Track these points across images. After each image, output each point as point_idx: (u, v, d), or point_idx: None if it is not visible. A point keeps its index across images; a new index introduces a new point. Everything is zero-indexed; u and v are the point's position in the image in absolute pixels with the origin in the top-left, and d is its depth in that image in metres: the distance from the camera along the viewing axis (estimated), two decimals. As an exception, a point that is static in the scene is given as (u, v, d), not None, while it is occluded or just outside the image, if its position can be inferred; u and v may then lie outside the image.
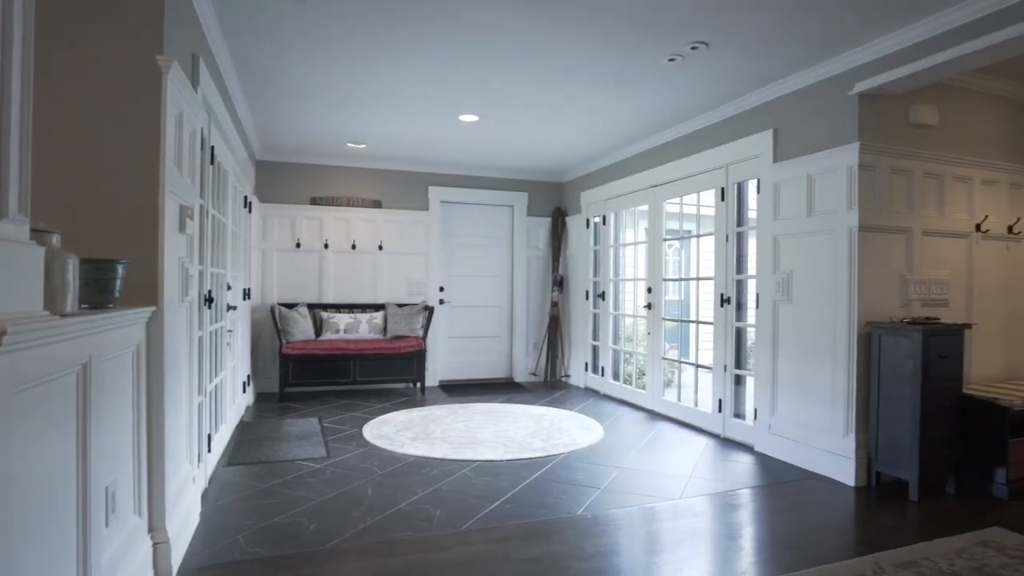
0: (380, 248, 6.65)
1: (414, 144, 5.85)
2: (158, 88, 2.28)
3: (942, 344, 3.33)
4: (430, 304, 6.76)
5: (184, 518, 2.57)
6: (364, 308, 6.53)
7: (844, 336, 3.59)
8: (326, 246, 6.47)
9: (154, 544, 2.24)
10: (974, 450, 3.50)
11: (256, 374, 6.07)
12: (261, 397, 5.95)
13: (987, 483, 3.45)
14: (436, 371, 6.88)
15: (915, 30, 3.15)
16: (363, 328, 6.22)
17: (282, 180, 6.37)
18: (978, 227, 3.94)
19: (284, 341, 5.79)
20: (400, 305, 6.56)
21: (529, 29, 3.25)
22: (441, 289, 6.97)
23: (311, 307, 6.29)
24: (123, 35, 2.25)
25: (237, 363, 4.78)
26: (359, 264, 6.62)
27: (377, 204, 6.67)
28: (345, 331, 6.14)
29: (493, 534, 2.78)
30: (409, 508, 3.08)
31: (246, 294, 5.34)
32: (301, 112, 4.78)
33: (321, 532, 2.77)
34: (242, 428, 4.66)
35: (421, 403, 5.76)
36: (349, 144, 5.85)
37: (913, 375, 3.28)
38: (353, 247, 6.55)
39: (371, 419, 5.03)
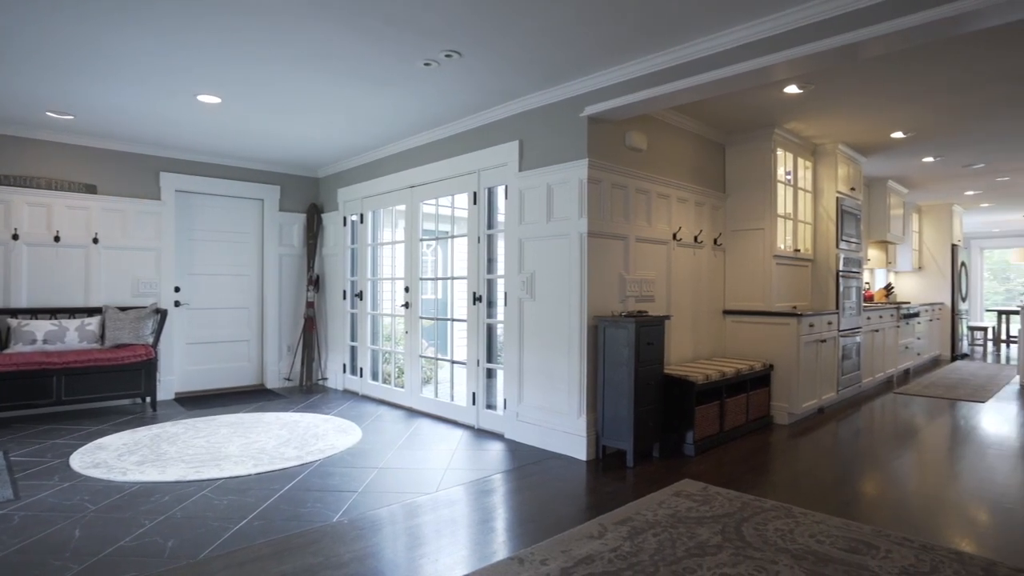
0: (95, 241, 5.62)
1: (141, 122, 5.07)
2: None
3: (649, 333, 3.98)
4: (163, 307, 5.93)
5: None
6: (73, 313, 5.46)
7: (577, 329, 4.08)
8: (15, 237, 5.25)
9: None
10: (672, 419, 4.26)
11: (-96, 402, 4.67)
12: (-88, 431, 4.59)
13: (681, 445, 4.23)
14: (171, 382, 6.06)
15: (629, 68, 3.71)
16: (71, 337, 5.19)
17: (-55, 152, 4.99)
18: (674, 236, 4.80)
19: (-50, 357, 4.55)
20: (123, 308, 5.63)
21: (285, 11, 3.04)
22: (177, 289, 6.17)
23: (-8, 313, 5.06)
24: None
25: None
26: (65, 260, 5.51)
27: (91, 189, 5.63)
28: (45, 341, 5.06)
29: (237, 557, 2.55)
30: (133, 544, 2.67)
31: None
32: (-27, 69, 3.80)
33: (5, 592, 2.25)
34: None
35: (152, 420, 5.03)
36: (50, 113, 4.83)
37: (628, 360, 3.87)
38: (57, 239, 5.43)
39: (83, 445, 4.24)
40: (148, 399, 5.53)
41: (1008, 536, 2.80)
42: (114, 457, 3.95)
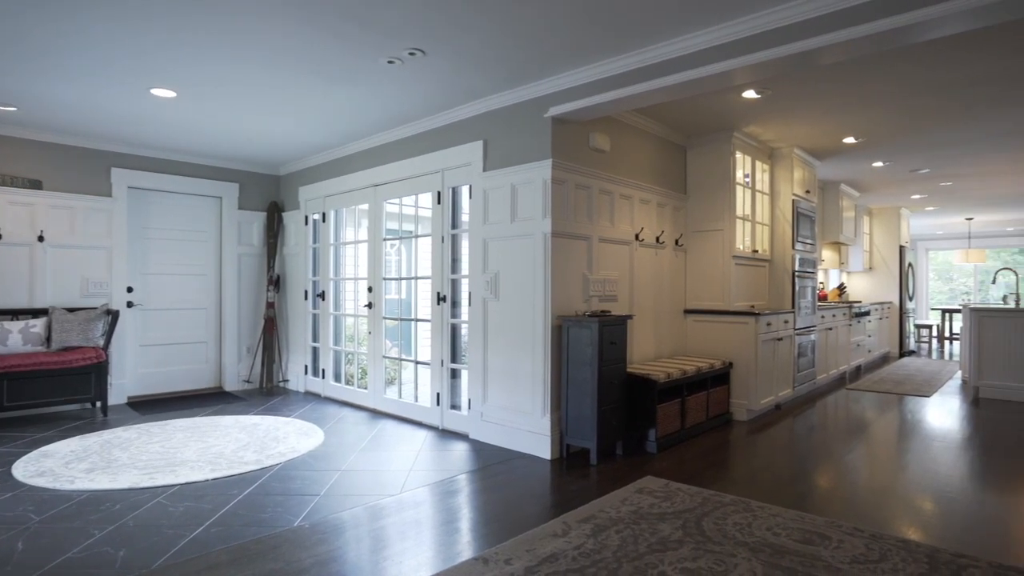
0: (41, 239, 5.38)
1: (91, 115, 4.88)
2: None
3: (612, 333, 4.03)
4: (114, 307, 5.72)
5: None
6: (16, 314, 5.22)
7: (541, 329, 4.10)
8: (-47, 235, 5.00)
9: None
10: (635, 417, 4.32)
11: None
12: None
13: (643, 442, 4.29)
14: (124, 386, 5.86)
15: (593, 69, 3.74)
16: (14, 339, 4.96)
17: None
18: (637, 236, 4.86)
19: None
20: (72, 309, 5.41)
21: (246, 6, 2.97)
22: (130, 290, 5.96)
23: (-72, 315, 4.79)
24: None
25: None
26: (8, 258, 5.26)
27: (36, 185, 5.39)
28: (-15, 344, 4.83)
29: (194, 566, 2.48)
30: (81, 556, 2.56)
31: None
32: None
33: (-58, 608, 2.14)
34: None
35: (102, 426, 4.84)
36: (-11, 106, 4.61)
37: (592, 360, 3.91)
38: (-2, 237, 5.19)
39: (27, 453, 4.06)
40: (99, 404, 5.33)
41: (950, 524, 2.93)
42: (61, 465, 3.79)
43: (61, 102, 4.53)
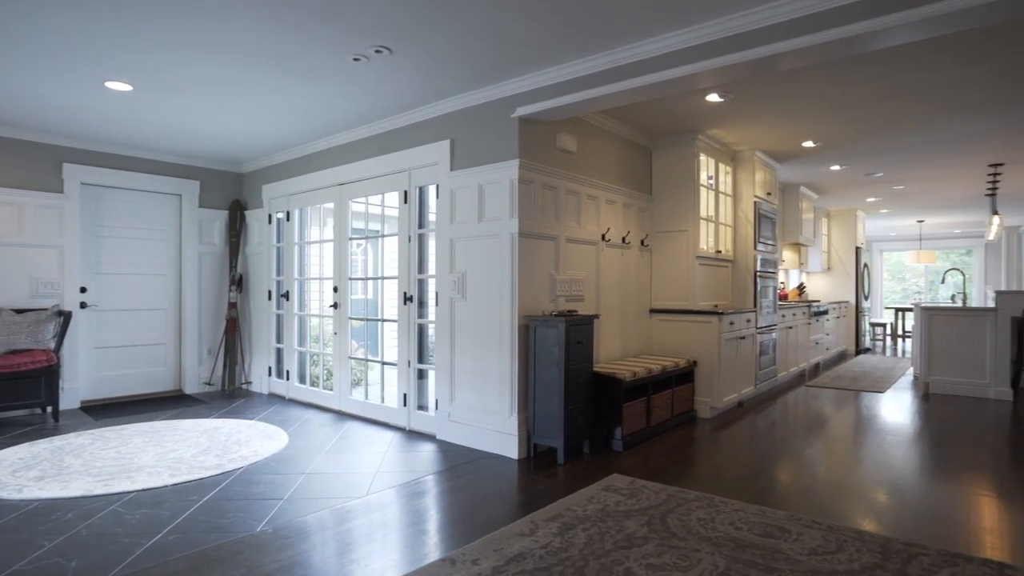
0: (-14, 238, 5.16)
1: (40, 108, 4.69)
2: None
3: (579, 332, 4.06)
4: (67, 308, 5.51)
5: None
6: (-41, 316, 4.98)
7: (508, 329, 4.10)
8: None
9: None
10: (601, 416, 4.36)
11: None
12: None
13: (610, 441, 4.34)
14: (77, 390, 5.65)
15: (560, 70, 3.76)
16: (-42, 342, 4.74)
17: None
18: (603, 237, 4.91)
19: None
20: (20, 311, 5.20)
21: (207, 0, 2.90)
22: (83, 290, 5.75)
23: None
24: None
25: None
26: (-50, 258, 5.03)
27: (-20, 181, 5.16)
28: (-74, 348, 4.60)
29: (151, 575, 2.41)
30: (28, 568, 2.46)
31: None
32: None
33: None
34: None
35: (53, 432, 4.66)
36: (-70, 98, 4.39)
37: (559, 359, 3.93)
38: (-61, 236, 4.95)
39: (-29, 460, 3.88)
40: (49, 409, 5.13)
41: (902, 514, 3.03)
42: (8, 473, 3.64)
43: (7, 93, 4.34)
